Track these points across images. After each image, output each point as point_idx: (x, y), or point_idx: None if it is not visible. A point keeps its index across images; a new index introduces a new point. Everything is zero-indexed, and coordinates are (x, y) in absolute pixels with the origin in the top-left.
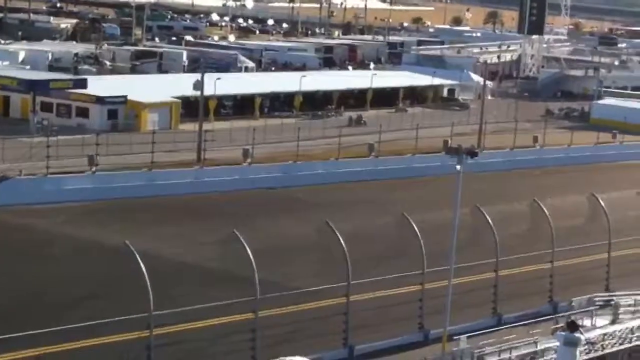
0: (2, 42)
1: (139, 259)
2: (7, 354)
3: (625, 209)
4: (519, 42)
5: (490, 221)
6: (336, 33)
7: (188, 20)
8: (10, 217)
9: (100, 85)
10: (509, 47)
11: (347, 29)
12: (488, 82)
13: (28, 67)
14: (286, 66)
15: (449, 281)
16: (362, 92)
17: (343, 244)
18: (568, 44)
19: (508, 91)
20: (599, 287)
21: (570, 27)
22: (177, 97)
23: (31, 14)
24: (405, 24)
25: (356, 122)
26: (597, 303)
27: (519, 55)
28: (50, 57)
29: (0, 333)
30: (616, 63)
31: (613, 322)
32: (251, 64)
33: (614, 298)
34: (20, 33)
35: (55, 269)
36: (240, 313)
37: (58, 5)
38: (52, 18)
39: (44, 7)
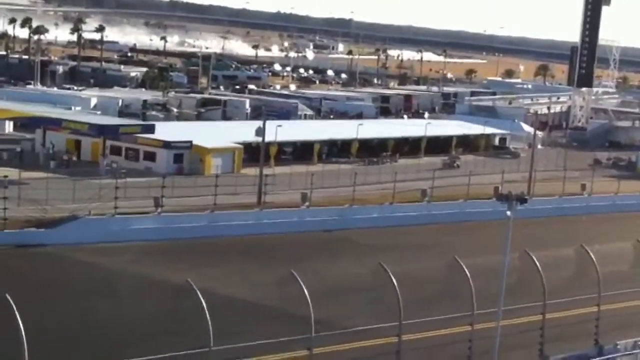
0: (76, 88)
1: (200, 296)
2: None
3: None
4: (568, 94)
5: (538, 265)
6: (392, 83)
7: (251, 70)
8: (78, 254)
9: (167, 131)
10: (559, 98)
11: (402, 79)
12: (538, 132)
13: (99, 112)
14: (344, 115)
15: (497, 322)
16: (416, 140)
17: (396, 285)
18: (616, 96)
19: (557, 141)
20: None
21: (619, 80)
22: (240, 143)
23: (103, 63)
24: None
25: (449, 166)
26: None
27: (569, 106)
28: (120, 104)
29: None
30: None
31: None
32: (310, 112)
33: None
34: (92, 80)
35: (120, 306)
36: (296, 350)
37: (129, 54)
38: (122, 66)
39: (116, 56)
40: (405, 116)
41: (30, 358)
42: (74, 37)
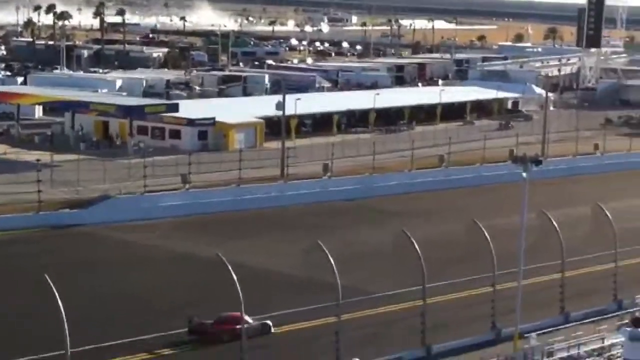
0: (101, 71)
1: (230, 268)
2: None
3: None
4: (577, 55)
5: (555, 225)
6: (406, 53)
7: (269, 46)
8: (112, 232)
9: (190, 109)
10: (568, 60)
11: (416, 48)
12: (550, 94)
13: (125, 93)
14: (360, 85)
15: (519, 282)
16: (431, 107)
17: (418, 250)
18: (625, 55)
19: (569, 102)
20: None
21: (627, 39)
22: (261, 118)
23: (126, 45)
24: (474, 40)
25: (505, 126)
26: None
27: (578, 67)
28: (144, 84)
29: (111, 338)
30: None
31: None
32: (328, 84)
33: None
34: (116, 63)
35: (155, 279)
36: (325, 317)
37: (150, 36)
38: (145, 48)
39: (138, 38)
40: (419, 84)
41: (72, 329)
42: (97, 22)
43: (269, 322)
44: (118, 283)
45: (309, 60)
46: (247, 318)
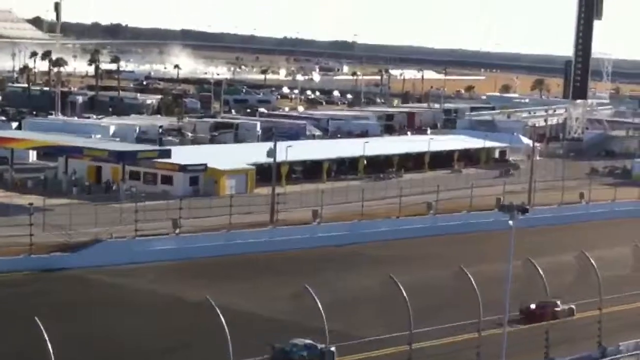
0: (95, 117)
1: (219, 312)
2: None
3: None
4: (564, 106)
5: (541, 272)
6: (395, 102)
7: (261, 94)
8: (103, 276)
9: (182, 155)
10: (555, 111)
11: (405, 98)
12: (536, 144)
13: (118, 139)
14: (350, 133)
15: (504, 329)
16: (420, 155)
17: (405, 296)
18: (610, 107)
19: (555, 152)
20: None
21: (612, 91)
22: (252, 164)
23: (120, 92)
24: (461, 91)
25: (505, 173)
26: None
27: (565, 118)
28: (137, 130)
29: None
30: None
31: None
32: (319, 132)
33: None
34: (110, 109)
35: (144, 323)
36: None
37: (144, 82)
38: (138, 95)
39: (132, 85)
40: (408, 133)
41: None
42: (92, 68)
43: None
44: (107, 326)
45: (300, 109)
46: None
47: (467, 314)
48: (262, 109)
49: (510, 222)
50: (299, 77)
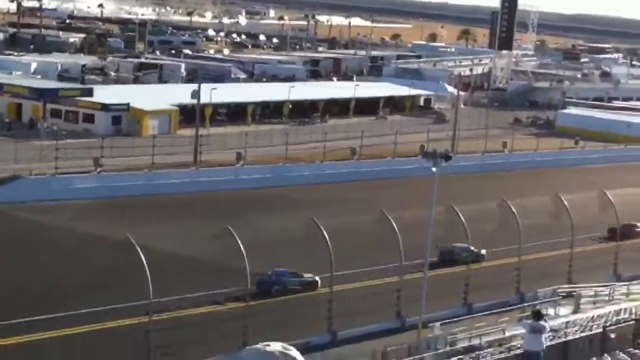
0: (16, 54)
1: (139, 251)
2: (12, 337)
3: (586, 208)
4: (489, 56)
5: (462, 219)
6: (322, 48)
7: (186, 36)
8: (21, 213)
9: (105, 94)
10: (480, 61)
11: (332, 44)
12: (461, 93)
13: (39, 77)
14: (276, 78)
15: (425, 273)
16: (345, 102)
17: (327, 239)
18: (535, 58)
19: (480, 101)
20: (562, 279)
21: (537, 43)
22: (176, 105)
23: (42, 29)
24: (386, 39)
25: (441, 120)
26: (560, 294)
27: (490, 68)
28: (59, 68)
29: (8, 319)
30: (579, 76)
31: (575, 312)
32: (244, 76)
33: (575, 290)
34: (32, 46)
35: (63, 260)
36: (232, 302)
37: (67, 21)
38: (61, 33)
39: (54, 23)
40: (334, 79)
41: None
42: (14, 5)
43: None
44: (23, 263)
45: (226, 51)
46: None
47: (388, 258)
48: (187, 51)
49: (434, 169)
50: (225, 20)
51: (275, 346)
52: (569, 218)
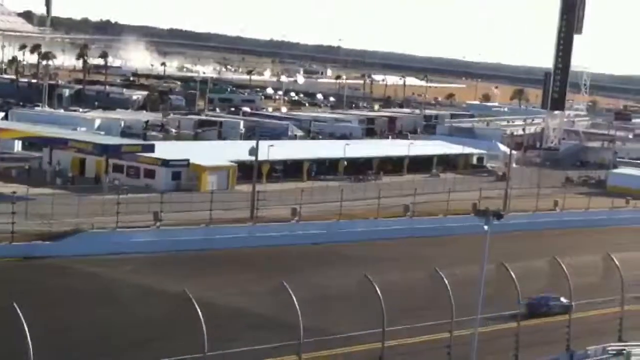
0: (81, 110)
1: (195, 304)
2: None
3: (637, 267)
4: (542, 116)
5: (513, 276)
6: (377, 106)
7: (246, 94)
8: (82, 266)
9: (166, 150)
10: (533, 120)
11: (387, 103)
12: (514, 152)
13: (103, 132)
14: (332, 135)
15: (475, 329)
16: (399, 159)
17: (380, 295)
18: (587, 118)
19: (532, 160)
20: (612, 338)
21: (589, 103)
22: (234, 162)
23: (107, 86)
24: (440, 98)
25: (502, 178)
26: (610, 352)
27: (542, 128)
28: (122, 125)
29: None
30: (630, 136)
31: None
32: (301, 133)
33: (625, 348)
34: (96, 103)
35: (122, 313)
36: (285, 355)
37: (131, 78)
38: (125, 90)
39: (119, 80)
40: (389, 137)
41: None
42: (80, 63)
43: None
44: (83, 315)
45: (284, 109)
46: None
47: (440, 315)
48: (246, 109)
49: (485, 227)
50: (284, 79)
51: None
52: (619, 276)
